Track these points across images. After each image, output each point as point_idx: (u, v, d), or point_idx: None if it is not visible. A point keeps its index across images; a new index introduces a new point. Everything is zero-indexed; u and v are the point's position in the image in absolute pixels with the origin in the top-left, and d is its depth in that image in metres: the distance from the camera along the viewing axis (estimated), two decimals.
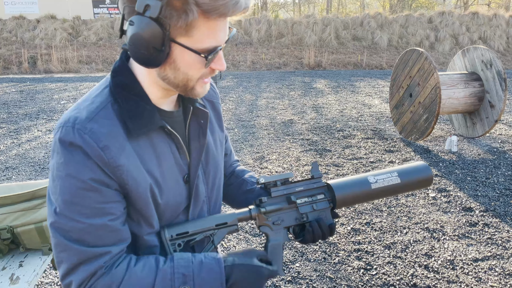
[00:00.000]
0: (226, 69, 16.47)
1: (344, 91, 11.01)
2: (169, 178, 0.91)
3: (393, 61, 17.57)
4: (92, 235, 0.83)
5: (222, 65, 0.86)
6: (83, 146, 0.80)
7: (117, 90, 0.87)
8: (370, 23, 20.46)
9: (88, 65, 16.73)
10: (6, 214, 1.67)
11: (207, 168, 1.01)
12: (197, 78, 0.86)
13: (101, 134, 0.81)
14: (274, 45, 19.48)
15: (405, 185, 1.10)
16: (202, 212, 1.01)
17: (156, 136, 0.90)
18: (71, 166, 0.80)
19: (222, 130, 1.11)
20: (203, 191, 1.00)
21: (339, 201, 1.05)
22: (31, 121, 7.54)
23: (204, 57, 0.81)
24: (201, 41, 0.80)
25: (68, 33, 18.77)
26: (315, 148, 5.70)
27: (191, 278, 0.85)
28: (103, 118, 0.83)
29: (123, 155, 0.83)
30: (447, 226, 3.43)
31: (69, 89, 11.56)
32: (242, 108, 8.74)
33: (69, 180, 0.80)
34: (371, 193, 1.07)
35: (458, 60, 6.33)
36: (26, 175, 4.73)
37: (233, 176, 1.21)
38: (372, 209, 3.77)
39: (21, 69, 16.07)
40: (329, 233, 1.04)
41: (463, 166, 4.90)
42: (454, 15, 21.08)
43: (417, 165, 1.13)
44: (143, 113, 0.86)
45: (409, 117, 5.97)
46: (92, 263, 0.83)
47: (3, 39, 18.36)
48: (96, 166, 0.81)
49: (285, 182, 1.05)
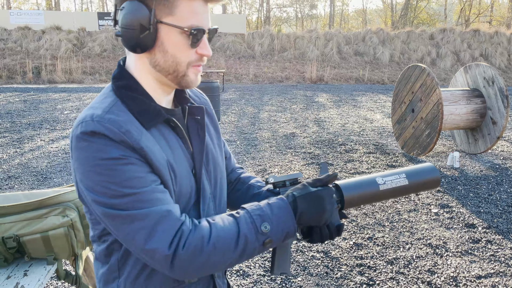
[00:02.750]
0: (228, 82, 16.60)
1: (346, 105, 11.05)
2: (181, 166, 0.95)
3: (395, 76, 17.66)
4: (150, 200, 0.84)
5: (207, 50, 0.91)
6: (106, 133, 0.83)
7: (121, 91, 0.92)
8: (372, 39, 20.63)
9: (91, 76, 16.84)
10: (12, 223, 1.68)
11: (208, 166, 1.04)
12: (186, 63, 0.91)
13: (121, 121, 0.86)
14: (276, 59, 19.62)
15: (413, 186, 1.10)
16: (209, 209, 1.03)
17: (165, 129, 0.95)
18: (100, 151, 0.82)
19: (219, 134, 1.15)
20: (207, 187, 1.03)
21: (347, 202, 1.05)
22: (34, 130, 7.57)
23: (187, 33, 0.87)
24: (184, 19, 0.87)
25: (73, 44, 18.94)
26: (317, 162, 5.71)
27: (268, 217, 0.90)
28: (117, 110, 0.88)
29: (144, 138, 0.87)
30: (450, 242, 3.42)
31: (73, 99, 11.62)
32: (244, 120, 8.77)
33: (104, 163, 0.82)
34: (379, 194, 1.07)
35: (460, 77, 6.38)
36: (28, 184, 4.74)
37: (240, 182, 1.23)
38: (375, 223, 3.76)
39: (25, 79, 16.18)
40: (337, 233, 1.04)
41: (466, 182, 4.90)
42: (456, 32, 21.26)
43: (424, 166, 1.13)
44: (149, 108, 0.92)
45: (411, 132, 5.99)
46: (168, 220, 0.84)
47: (8, 49, 18.52)
48: (124, 147, 0.84)
49: (294, 183, 1.06)
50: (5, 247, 1.68)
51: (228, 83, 16.71)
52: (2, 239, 1.67)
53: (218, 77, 16.32)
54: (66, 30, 19.68)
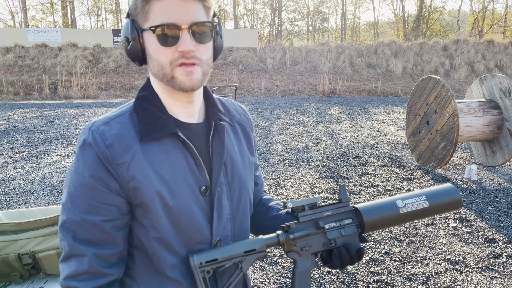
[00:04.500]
0: (241, 96, 16.67)
1: (359, 118, 10.99)
2: (181, 183, 0.94)
3: (408, 88, 17.56)
4: (83, 230, 0.90)
5: (185, 45, 0.88)
6: (92, 143, 0.89)
7: (138, 102, 0.97)
8: (385, 51, 20.59)
9: (106, 91, 17.09)
10: (28, 239, 1.68)
11: (232, 185, 1.02)
12: (169, 63, 0.90)
13: (109, 135, 0.90)
14: (288, 72, 19.68)
15: (433, 208, 1.08)
16: (225, 231, 1.00)
17: (171, 143, 0.94)
18: (80, 163, 0.91)
19: (253, 155, 1.13)
20: (227, 207, 1.00)
21: (367, 226, 1.04)
22: (50, 145, 7.67)
23: (151, 31, 0.88)
24: (154, 20, 0.88)
25: (88, 60, 19.29)
26: (331, 175, 5.66)
27: None
28: (117, 122, 0.93)
29: (128, 153, 0.90)
30: (469, 258, 3.33)
31: (88, 115, 11.78)
32: (257, 134, 8.77)
33: (75, 175, 0.91)
34: (399, 217, 1.05)
35: (476, 88, 6.30)
36: (44, 199, 4.78)
37: (260, 204, 1.21)
38: (391, 238, 3.69)
39: (42, 95, 16.50)
40: (357, 258, 1.02)
41: (484, 196, 4.79)
42: (469, 43, 21.11)
43: (445, 187, 1.11)
44: (157, 120, 0.93)
45: (427, 144, 5.91)
46: (77, 260, 0.90)
47: (25, 66, 18.94)
48: (101, 164, 0.89)
49: (313, 207, 1.04)
50: (21, 264, 1.69)
51: (240, 96, 16.79)
52: (18, 256, 1.67)
53: (231, 91, 16.42)
54: (82, 46, 20.08)
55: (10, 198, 4.81)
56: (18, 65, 18.96)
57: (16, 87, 16.77)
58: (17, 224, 1.70)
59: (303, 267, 1.00)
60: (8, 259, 1.67)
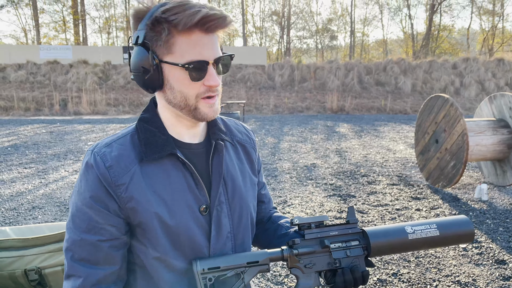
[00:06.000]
0: (249, 113, 16.74)
1: (367, 136, 10.96)
2: (180, 202, 0.95)
3: (418, 106, 17.51)
4: (82, 249, 0.93)
5: (213, 81, 0.92)
6: (93, 165, 0.93)
7: (140, 123, 1.00)
8: (394, 69, 20.63)
9: (115, 108, 17.28)
10: (35, 255, 1.69)
11: (233, 204, 1.03)
12: (194, 96, 0.92)
13: (110, 156, 0.94)
14: (297, 89, 19.76)
15: (444, 238, 1.06)
16: (225, 249, 1.01)
17: (170, 163, 0.96)
18: (82, 183, 0.94)
19: (255, 174, 1.14)
20: (226, 225, 1.01)
21: (374, 249, 1.03)
22: (59, 161, 7.74)
23: (184, 68, 0.89)
24: (182, 55, 0.89)
25: (98, 77, 19.57)
26: (339, 193, 5.62)
27: None
28: (118, 144, 0.96)
29: (127, 175, 0.93)
30: (479, 280, 3.26)
31: (96, 131, 11.89)
32: (265, 151, 8.77)
33: (77, 196, 0.94)
34: (407, 243, 1.04)
35: (485, 107, 6.26)
36: (51, 215, 4.80)
37: (270, 221, 1.22)
38: (399, 259, 3.64)
39: (52, 111, 16.72)
40: (362, 281, 1.01)
41: (495, 216, 4.72)
42: (479, 61, 21.09)
43: (457, 218, 1.09)
44: (157, 141, 0.96)
45: (436, 163, 5.86)
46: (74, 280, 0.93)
47: (37, 82, 19.26)
48: (101, 185, 0.92)
49: (319, 225, 1.03)
50: (27, 279, 1.69)
51: (248, 113, 16.86)
52: (24, 272, 1.67)
53: (239, 108, 16.50)
54: (92, 63, 20.39)
55: (18, 214, 4.83)
56: (30, 81, 19.29)
57: (27, 103, 17.03)
58: (25, 240, 1.71)
59: (305, 284, 1.00)
60: (14, 274, 1.67)
